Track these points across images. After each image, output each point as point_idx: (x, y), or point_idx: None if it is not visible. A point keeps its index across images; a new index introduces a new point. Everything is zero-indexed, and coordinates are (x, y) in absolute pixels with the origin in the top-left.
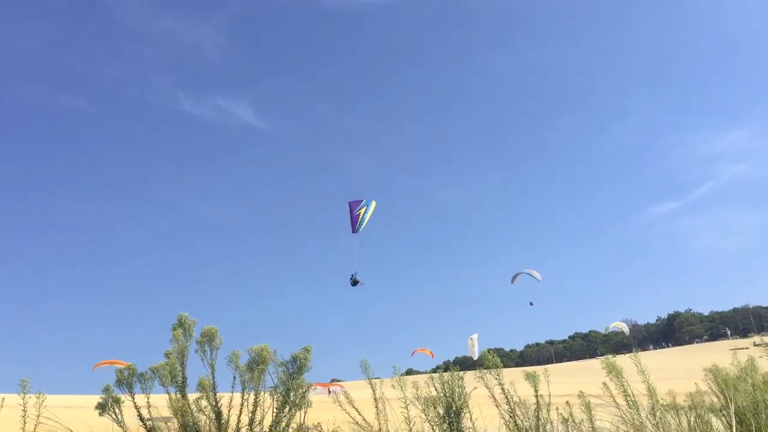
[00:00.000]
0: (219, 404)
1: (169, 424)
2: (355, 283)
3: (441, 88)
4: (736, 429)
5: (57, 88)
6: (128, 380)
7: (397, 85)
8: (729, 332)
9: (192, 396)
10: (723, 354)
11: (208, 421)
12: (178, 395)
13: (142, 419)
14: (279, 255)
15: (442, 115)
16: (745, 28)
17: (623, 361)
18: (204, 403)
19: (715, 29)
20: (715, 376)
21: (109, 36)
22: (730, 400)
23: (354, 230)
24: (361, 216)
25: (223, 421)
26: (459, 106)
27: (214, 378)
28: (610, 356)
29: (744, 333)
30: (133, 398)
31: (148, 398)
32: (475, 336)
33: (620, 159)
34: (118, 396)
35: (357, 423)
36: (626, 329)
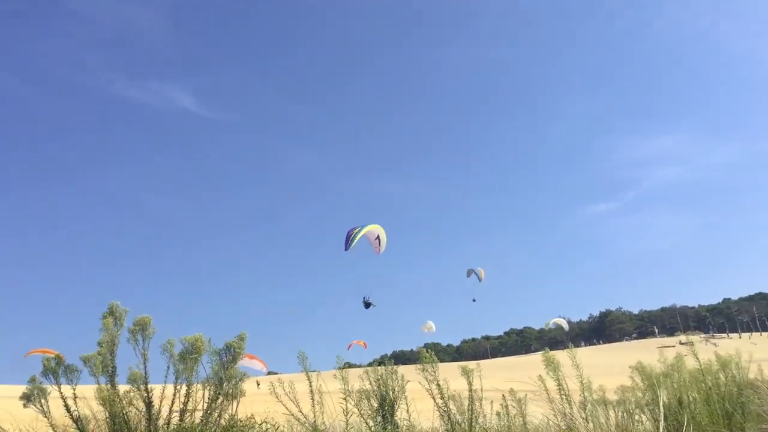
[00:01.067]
0: (150, 395)
1: (97, 414)
2: (367, 305)
3: (385, 85)
4: (663, 424)
5: None
6: (55, 370)
7: (344, 80)
8: (657, 330)
9: (123, 387)
10: (650, 351)
11: (138, 413)
12: (108, 386)
13: (68, 410)
14: (214, 243)
15: (385, 112)
16: (677, 37)
17: (557, 356)
18: (134, 394)
19: (648, 37)
20: (640, 373)
21: (41, 12)
22: (657, 396)
23: (345, 248)
24: (353, 234)
25: (153, 412)
26: (404, 103)
27: (146, 368)
28: (547, 349)
29: (671, 331)
30: (60, 389)
31: (74, 389)
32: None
33: (557, 160)
34: (44, 386)
35: (292, 415)
36: (565, 325)
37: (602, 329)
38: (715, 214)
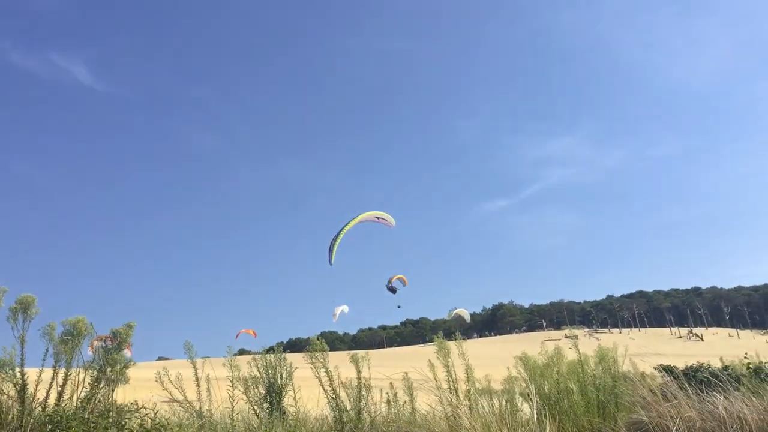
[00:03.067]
0: (25, 379)
1: None
2: (393, 290)
3: (290, 70)
4: (544, 413)
5: None
6: None
7: (249, 61)
8: (545, 324)
9: None
10: (537, 344)
11: (8, 399)
12: None
13: None
14: (104, 225)
15: (291, 98)
16: (580, 43)
17: (449, 345)
18: (4, 378)
19: (552, 40)
20: (525, 363)
21: None
22: (537, 386)
23: (329, 262)
24: (332, 246)
25: (27, 396)
26: (308, 91)
27: (23, 350)
28: (440, 334)
29: (558, 325)
30: None
31: None
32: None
33: (457, 156)
34: None
35: (176, 401)
36: (467, 316)
37: (494, 322)
38: (603, 215)
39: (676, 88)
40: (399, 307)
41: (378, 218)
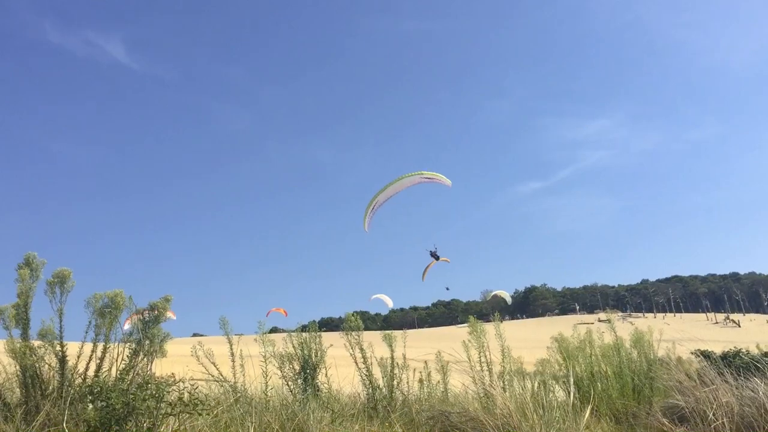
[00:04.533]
0: (65, 350)
1: (7, 368)
2: (436, 256)
3: (321, 52)
4: (575, 395)
5: None
6: None
7: (280, 43)
8: (578, 307)
9: (36, 342)
10: (569, 327)
11: (50, 368)
12: (20, 339)
13: None
14: (145, 202)
15: (321, 79)
16: (617, 23)
17: (483, 327)
18: (47, 348)
19: (589, 21)
20: (560, 344)
21: None
22: (571, 369)
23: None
24: (365, 215)
25: (68, 368)
26: (340, 69)
27: (61, 323)
28: (473, 317)
29: (591, 309)
30: None
31: None
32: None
33: (492, 137)
34: None
35: (212, 376)
36: (508, 298)
37: (526, 304)
38: (639, 198)
39: (716, 69)
40: (447, 289)
41: (428, 179)
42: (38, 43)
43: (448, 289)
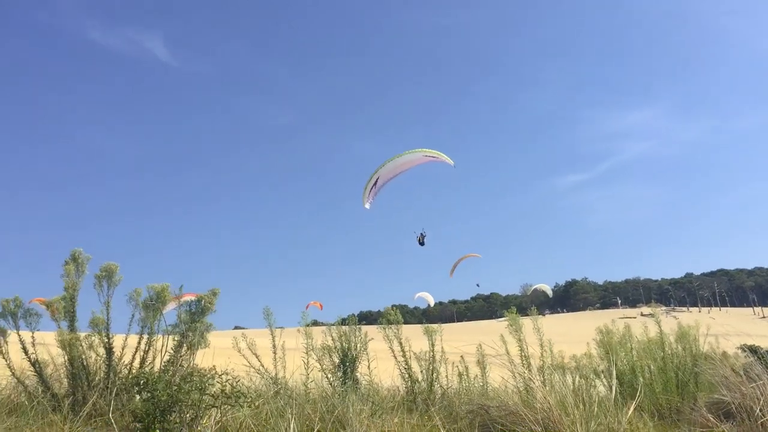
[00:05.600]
0: (111, 341)
1: (56, 359)
2: (422, 242)
3: (356, 46)
4: (617, 389)
5: None
6: (14, 312)
7: (316, 37)
8: (619, 301)
9: (83, 334)
10: (610, 321)
11: (97, 359)
12: (68, 330)
13: (26, 352)
14: (188, 197)
15: (358, 72)
16: (658, 11)
17: (522, 321)
18: (95, 339)
19: (629, 9)
20: (603, 338)
21: None
22: (612, 363)
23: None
24: (365, 190)
25: (114, 359)
26: (376, 63)
27: (108, 315)
28: (513, 308)
29: (633, 303)
30: (18, 332)
31: (32, 334)
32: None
33: (530, 129)
34: (4, 328)
35: (253, 368)
36: (549, 291)
37: (567, 298)
38: (683, 190)
39: (762, 56)
40: (478, 285)
41: (429, 157)
42: (81, 42)
43: (478, 285)
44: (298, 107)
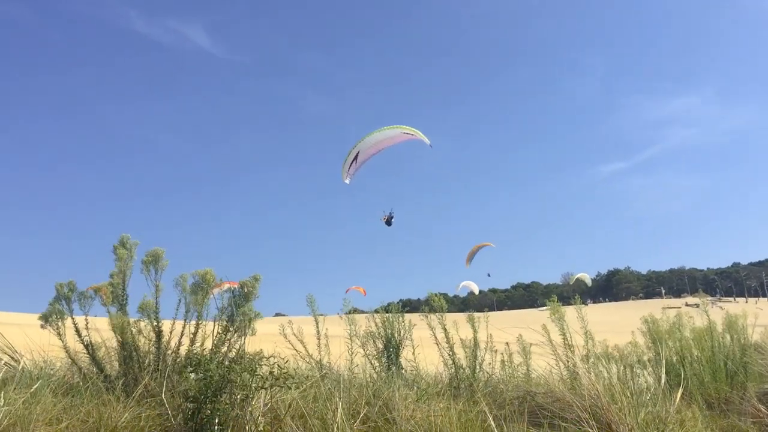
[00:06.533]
0: (160, 324)
1: (107, 342)
2: (389, 222)
3: (400, 32)
4: (665, 380)
5: None
6: (68, 296)
7: (357, 29)
8: (663, 291)
9: (133, 319)
10: (654, 311)
11: (147, 342)
12: (119, 313)
13: (79, 335)
14: (229, 185)
15: (399, 62)
16: None
17: (564, 310)
18: (145, 322)
19: None
20: (650, 326)
21: None
22: (659, 352)
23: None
24: (344, 165)
25: (163, 342)
26: (415, 54)
27: (157, 299)
28: (554, 297)
29: (678, 293)
30: (72, 315)
31: (86, 317)
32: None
33: (572, 116)
34: (61, 309)
35: (299, 353)
36: (588, 280)
37: (609, 288)
38: (729, 178)
39: None
40: (489, 275)
41: (407, 134)
42: (126, 33)
43: (489, 275)
44: (337, 94)
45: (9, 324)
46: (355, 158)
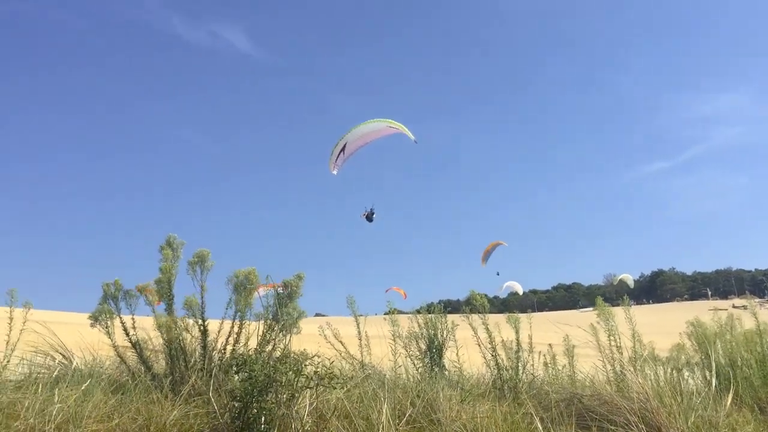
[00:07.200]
0: (206, 323)
1: (154, 340)
2: (370, 218)
3: (439, 33)
4: (715, 383)
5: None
6: (115, 295)
7: (393, 30)
8: (710, 293)
9: (179, 318)
10: (700, 313)
11: (193, 340)
12: (165, 313)
13: (127, 334)
14: (271, 187)
15: (437, 61)
16: None
17: (611, 311)
18: (190, 321)
19: None
20: (696, 329)
21: None
22: (709, 355)
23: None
24: (331, 156)
25: (209, 341)
26: (457, 49)
27: (203, 298)
28: (600, 298)
29: (724, 295)
30: (120, 314)
31: (133, 316)
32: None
33: (613, 114)
34: (110, 309)
35: (340, 353)
36: (630, 281)
37: (653, 289)
38: None
39: None
40: (498, 274)
41: (393, 128)
42: (169, 38)
43: (498, 274)
44: (377, 95)
45: (63, 323)
46: (343, 149)
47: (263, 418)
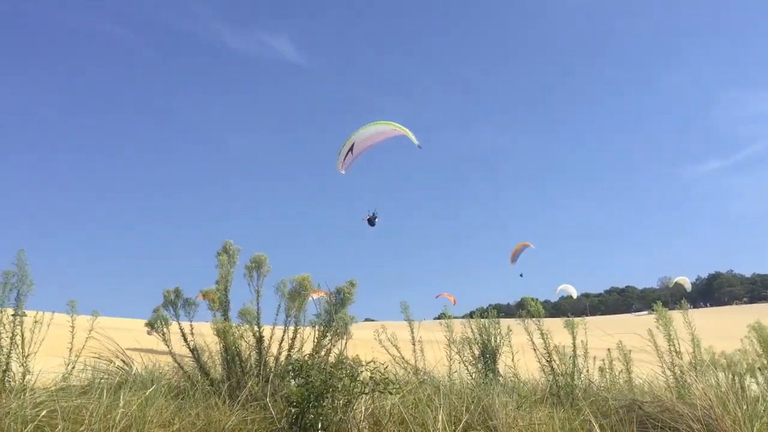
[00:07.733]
0: (261, 330)
1: (210, 347)
2: (372, 222)
3: (485, 36)
4: None
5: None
6: (174, 302)
7: (442, 32)
8: None
9: (235, 324)
10: (762, 316)
11: (248, 346)
12: (222, 318)
13: (185, 340)
14: (323, 192)
15: (481, 64)
16: None
17: (670, 315)
18: (246, 327)
19: None
20: (759, 333)
21: None
22: None
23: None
24: (339, 155)
25: (263, 347)
26: (499, 53)
27: (258, 304)
28: (659, 303)
29: None
30: (178, 320)
31: (191, 323)
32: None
33: (666, 113)
34: (166, 316)
35: (394, 359)
36: (688, 285)
37: (710, 292)
38: None
39: None
40: (521, 275)
41: (396, 130)
42: (218, 47)
43: (521, 275)
44: (419, 102)
45: (122, 329)
46: (351, 149)
47: (320, 424)
